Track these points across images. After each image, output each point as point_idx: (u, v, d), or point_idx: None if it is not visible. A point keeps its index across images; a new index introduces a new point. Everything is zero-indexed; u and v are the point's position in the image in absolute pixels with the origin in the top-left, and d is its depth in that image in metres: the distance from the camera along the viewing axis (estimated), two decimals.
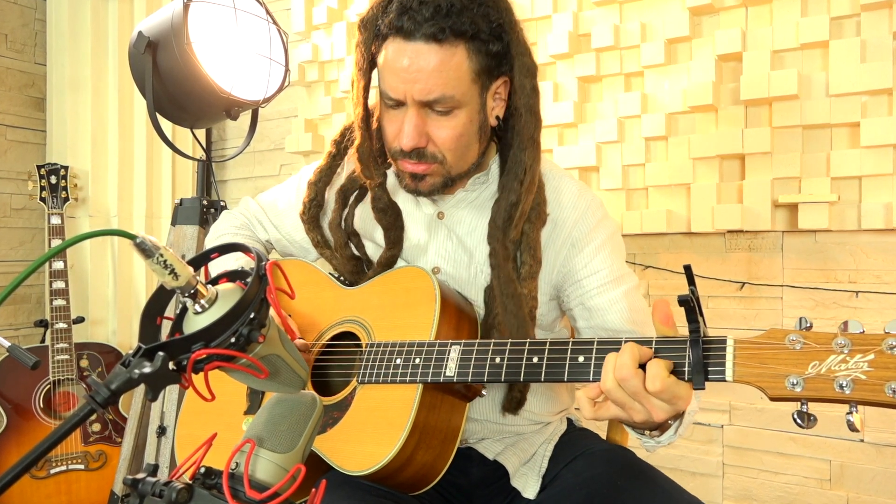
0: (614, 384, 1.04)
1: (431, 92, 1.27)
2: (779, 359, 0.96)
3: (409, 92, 1.28)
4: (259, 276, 0.80)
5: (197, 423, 1.50)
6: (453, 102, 1.29)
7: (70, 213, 3.27)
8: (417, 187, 1.39)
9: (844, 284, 2.09)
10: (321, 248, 1.57)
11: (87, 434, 2.96)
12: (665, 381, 1.01)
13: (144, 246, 0.72)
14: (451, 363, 1.24)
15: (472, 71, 1.29)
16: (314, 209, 1.58)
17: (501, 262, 1.38)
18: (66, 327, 2.94)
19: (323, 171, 1.58)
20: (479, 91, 1.33)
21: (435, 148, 1.34)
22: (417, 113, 1.31)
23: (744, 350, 1.00)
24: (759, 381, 0.97)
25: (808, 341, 0.96)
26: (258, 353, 0.82)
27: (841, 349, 0.93)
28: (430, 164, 1.35)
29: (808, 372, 0.94)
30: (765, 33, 2.13)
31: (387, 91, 1.32)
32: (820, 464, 2.13)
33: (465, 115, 1.32)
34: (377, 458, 1.22)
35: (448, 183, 1.39)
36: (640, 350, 1.05)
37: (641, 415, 1.05)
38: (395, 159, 1.38)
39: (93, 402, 0.73)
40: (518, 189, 1.36)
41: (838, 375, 0.92)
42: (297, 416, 0.89)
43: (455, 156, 1.36)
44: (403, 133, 1.32)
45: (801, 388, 0.94)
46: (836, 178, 2.04)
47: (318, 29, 3.12)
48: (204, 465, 0.83)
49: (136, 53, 2.12)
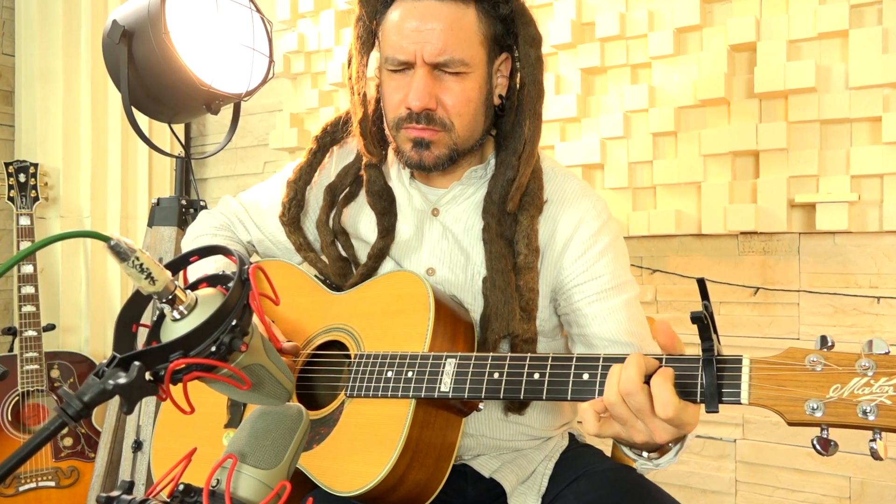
0: (618, 398, 1.04)
1: (444, 52, 1.32)
2: (798, 381, 0.96)
3: (420, 52, 1.32)
4: (241, 280, 0.80)
5: (175, 436, 1.50)
6: (464, 65, 1.34)
7: (40, 213, 3.26)
8: (421, 158, 1.40)
9: (865, 290, 2.09)
10: (305, 251, 1.58)
11: (59, 449, 2.95)
12: (676, 408, 1.00)
13: (119, 248, 0.72)
14: (445, 378, 1.24)
15: (482, 34, 1.36)
16: (294, 210, 1.58)
17: (495, 238, 1.40)
18: (35, 335, 2.94)
19: (303, 170, 1.59)
20: (486, 58, 1.38)
21: (444, 113, 1.37)
22: (427, 73, 1.34)
23: (760, 371, 0.99)
24: (776, 405, 0.96)
25: (829, 362, 0.95)
26: (240, 362, 0.82)
27: (864, 371, 0.92)
28: (438, 131, 1.37)
29: (829, 396, 0.93)
30: (780, 22, 2.13)
31: (394, 55, 1.35)
32: (839, 481, 2.13)
33: (475, 80, 1.37)
34: (367, 477, 1.22)
35: (454, 156, 1.41)
36: (646, 362, 1.05)
37: (643, 435, 1.05)
38: (399, 128, 1.40)
39: (64, 415, 0.73)
40: (516, 164, 1.39)
41: (861, 400, 0.91)
42: (282, 430, 0.89)
43: (463, 123, 1.38)
44: (412, 91, 1.34)
45: (822, 414, 0.93)
46: (857, 177, 2.04)
47: (304, 17, 3.12)
48: (183, 482, 0.83)
49: (111, 43, 2.12)
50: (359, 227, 1.55)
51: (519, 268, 1.39)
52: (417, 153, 1.40)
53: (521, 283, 1.39)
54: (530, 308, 1.39)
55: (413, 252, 1.50)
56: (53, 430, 0.73)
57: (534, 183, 1.43)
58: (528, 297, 1.39)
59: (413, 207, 1.51)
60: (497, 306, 1.36)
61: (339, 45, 2.98)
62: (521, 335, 1.38)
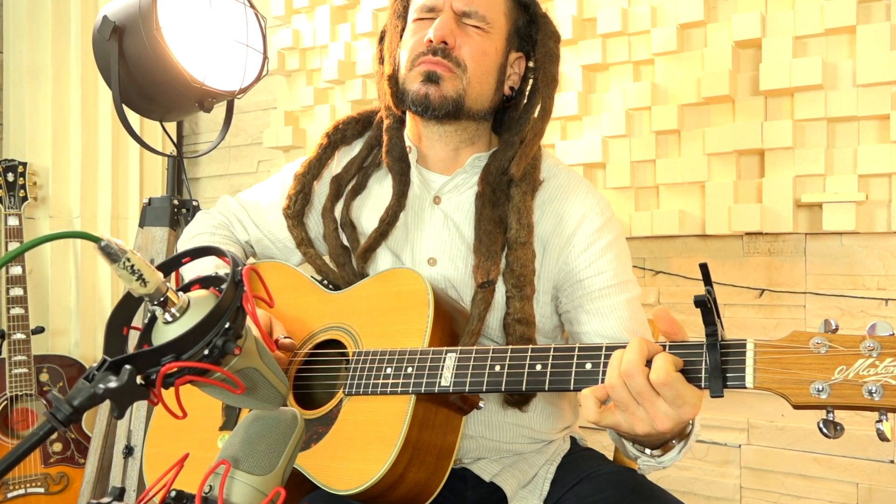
0: (619, 381, 1.05)
1: (471, 3, 1.45)
2: (803, 363, 0.97)
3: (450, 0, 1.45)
4: (235, 282, 0.80)
5: (167, 441, 1.50)
6: (487, 21, 1.46)
7: (29, 213, 3.26)
8: (428, 93, 1.44)
9: (873, 291, 2.09)
10: (305, 246, 1.58)
11: (48, 454, 2.95)
12: (671, 374, 1.01)
13: (110, 249, 0.72)
14: (446, 372, 1.24)
15: (507, 7, 1.51)
16: (300, 203, 1.59)
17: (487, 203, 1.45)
18: (24, 338, 2.94)
19: (312, 164, 1.61)
20: (506, 34, 1.50)
21: (460, 53, 1.44)
22: (452, 17, 1.45)
23: (765, 354, 1.00)
24: (781, 388, 0.98)
25: (834, 344, 0.96)
26: (234, 366, 0.82)
27: (869, 353, 0.94)
28: (451, 69, 1.44)
29: (834, 377, 0.95)
30: (786, 17, 2.13)
31: (424, 2, 1.48)
32: (846, 487, 2.13)
33: (493, 41, 1.48)
34: (366, 475, 1.22)
35: (459, 103, 1.45)
36: (648, 346, 1.06)
37: (644, 424, 1.06)
38: (414, 65, 1.46)
39: (53, 420, 0.73)
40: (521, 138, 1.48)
41: (867, 381, 0.93)
42: (277, 435, 0.89)
43: (476, 71, 1.46)
44: (435, 26, 1.43)
45: (828, 395, 0.94)
46: (864, 176, 2.04)
47: (299, 13, 3.12)
48: (175, 489, 0.83)
49: (101, 39, 2.12)
50: (361, 219, 1.56)
51: (510, 243, 1.41)
52: (425, 87, 1.44)
53: (510, 258, 1.41)
54: (522, 284, 1.40)
55: (413, 241, 1.51)
56: (42, 436, 0.73)
57: (530, 164, 1.48)
58: (519, 273, 1.40)
59: (414, 194, 1.53)
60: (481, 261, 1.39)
61: (335, 42, 2.98)
62: (513, 314, 1.39)
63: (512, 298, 1.40)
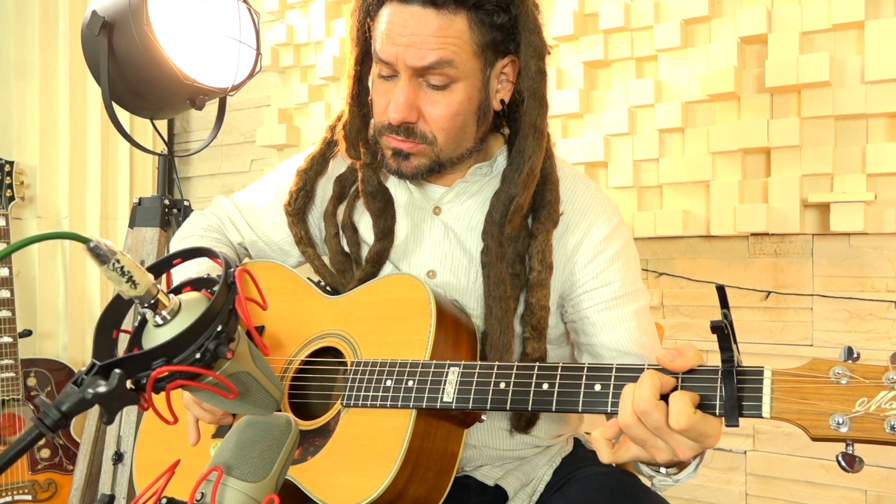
0: (634, 419, 1.03)
1: (425, 57, 1.28)
2: (822, 394, 0.96)
3: (402, 57, 1.30)
4: (227, 284, 0.80)
5: (158, 447, 1.49)
6: (450, 74, 1.31)
7: (16, 213, 3.25)
8: (400, 167, 1.39)
9: (882, 294, 2.09)
10: (304, 245, 1.57)
11: (35, 461, 2.95)
12: (691, 419, 1.00)
13: (99, 250, 0.72)
14: (448, 387, 1.23)
15: (475, 43, 1.31)
16: (302, 200, 1.57)
17: (494, 261, 1.38)
18: (11, 341, 2.93)
19: (315, 159, 1.59)
20: (481, 66, 1.34)
21: (426, 126, 1.35)
22: (410, 83, 1.32)
23: (783, 383, 0.99)
24: (799, 419, 0.96)
25: (855, 375, 0.95)
26: (226, 370, 0.82)
27: (892, 385, 0.92)
28: (418, 144, 1.36)
29: (855, 410, 0.93)
30: (793, 13, 2.14)
31: (380, 56, 1.33)
32: (854, 494, 2.13)
33: (463, 91, 1.33)
34: (365, 492, 1.21)
35: (435, 167, 1.40)
36: (661, 379, 1.04)
37: (665, 454, 1.05)
38: (381, 136, 1.39)
39: (41, 426, 0.72)
40: (516, 180, 1.38)
41: (889, 415, 0.91)
42: (270, 442, 0.89)
43: (447, 137, 1.36)
44: (392, 103, 1.33)
45: (848, 429, 0.93)
46: (873, 175, 2.05)
47: (292, 8, 3.13)
48: (166, 496, 0.83)
49: (90, 35, 2.12)
50: (360, 226, 1.55)
51: (531, 284, 1.38)
52: (396, 162, 1.39)
53: (532, 300, 1.38)
54: (541, 327, 1.39)
55: (412, 253, 1.50)
56: (30, 442, 0.73)
57: (550, 195, 1.41)
58: (539, 316, 1.38)
59: (413, 205, 1.51)
60: (493, 337, 1.35)
61: (330, 38, 2.98)
62: (531, 354, 1.38)
63: (529, 339, 1.39)
